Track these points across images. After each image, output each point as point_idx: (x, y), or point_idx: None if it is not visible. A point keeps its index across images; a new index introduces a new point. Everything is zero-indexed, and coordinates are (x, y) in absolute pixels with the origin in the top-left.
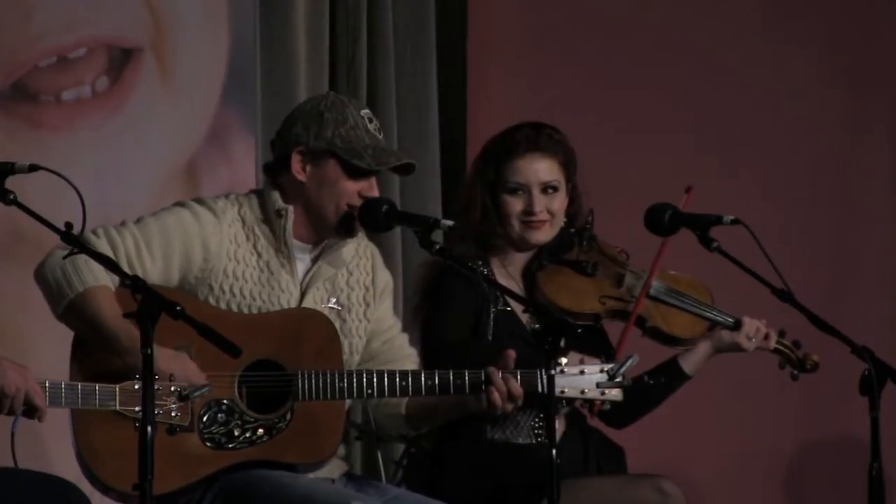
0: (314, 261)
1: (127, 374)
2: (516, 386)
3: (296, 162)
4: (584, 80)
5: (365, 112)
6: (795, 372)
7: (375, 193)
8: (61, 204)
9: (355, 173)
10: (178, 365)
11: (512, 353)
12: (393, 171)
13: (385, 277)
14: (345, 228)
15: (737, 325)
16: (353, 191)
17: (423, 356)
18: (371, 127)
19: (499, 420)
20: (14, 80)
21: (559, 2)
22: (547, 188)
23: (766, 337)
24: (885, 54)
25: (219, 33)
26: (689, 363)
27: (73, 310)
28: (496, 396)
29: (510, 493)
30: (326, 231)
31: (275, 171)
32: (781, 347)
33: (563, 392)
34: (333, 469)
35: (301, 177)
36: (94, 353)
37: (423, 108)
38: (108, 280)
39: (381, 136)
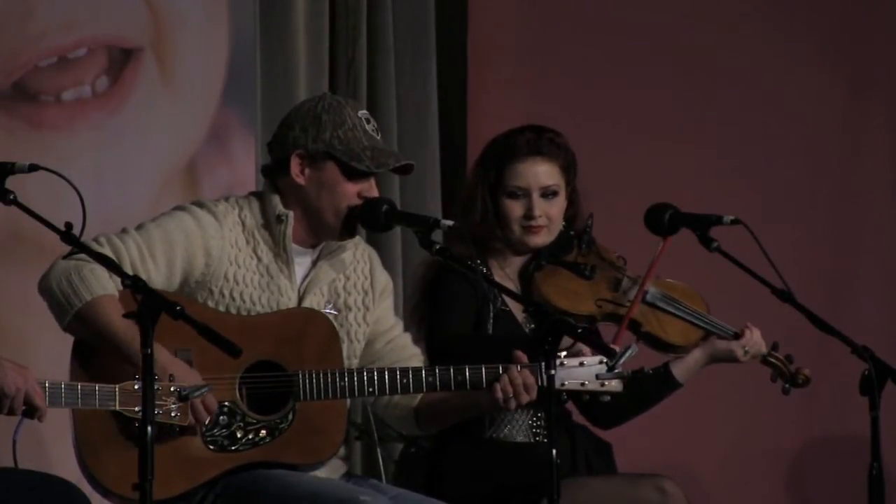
0: (313, 264)
1: (128, 374)
2: (530, 377)
3: (294, 165)
4: (584, 80)
5: (362, 113)
6: (787, 386)
7: (375, 194)
8: (61, 204)
9: (354, 175)
10: (176, 367)
11: (522, 356)
12: (392, 171)
13: (384, 279)
14: (345, 230)
15: (735, 336)
16: (353, 192)
17: (427, 353)
18: (369, 128)
19: (496, 419)
20: (14, 80)
21: (559, 2)
22: (547, 193)
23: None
24: (885, 54)
25: (219, 33)
26: (680, 370)
27: (80, 319)
28: (509, 388)
29: (509, 492)
30: (326, 234)
31: (273, 173)
32: (773, 360)
33: (563, 385)
34: (333, 469)
35: (300, 180)
36: (95, 354)
37: (423, 108)
38: (113, 287)
39: (378, 137)
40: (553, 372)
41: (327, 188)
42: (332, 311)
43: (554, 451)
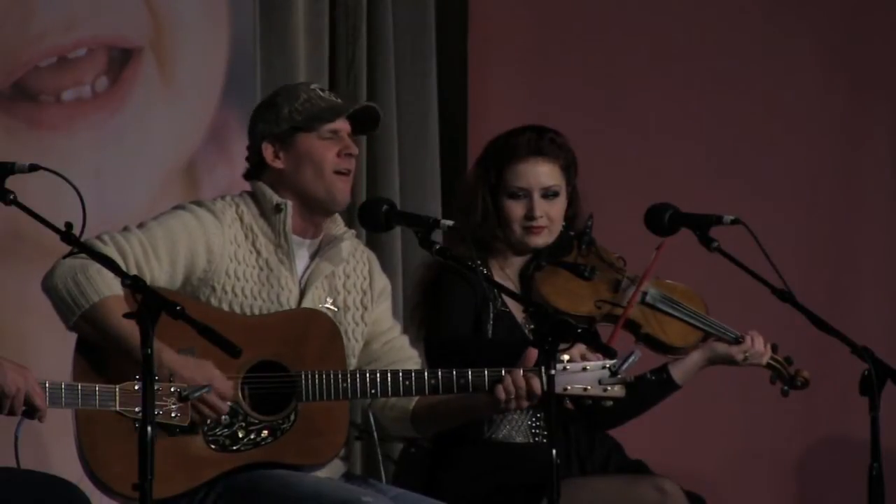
0: (312, 257)
1: (133, 374)
2: (536, 383)
3: (268, 152)
4: (584, 80)
5: (315, 85)
6: (786, 388)
7: (354, 151)
8: (61, 204)
9: (324, 135)
10: (187, 366)
11: (533, 354)
12: (361, 131)
13: (382, 282)
14: (339, 199)
15: (736, 340)
16: (331, 155)
17: (425, 355)
18: (325, 94)
19: (496, 419)
20: (14, 80)
21: (559, 3)
22: (548, 193)
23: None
24: (885, 56)
25: (219, 33)
26: (679, 372)
27: (88, 320)
28: (512, 389)
29: (509, 492)
30: (321, 209)
31: (255, 175)
32: (773, 363)
33: (566, 390)
34: (333, 469)
35: (278, 164)
36: (98, 352)
37: (423, 108)
38: (120, 288)
39: (338, 99)
40: (553, 372)
41: (306, 160)
42: (332, 308)
43: (554, 452)
